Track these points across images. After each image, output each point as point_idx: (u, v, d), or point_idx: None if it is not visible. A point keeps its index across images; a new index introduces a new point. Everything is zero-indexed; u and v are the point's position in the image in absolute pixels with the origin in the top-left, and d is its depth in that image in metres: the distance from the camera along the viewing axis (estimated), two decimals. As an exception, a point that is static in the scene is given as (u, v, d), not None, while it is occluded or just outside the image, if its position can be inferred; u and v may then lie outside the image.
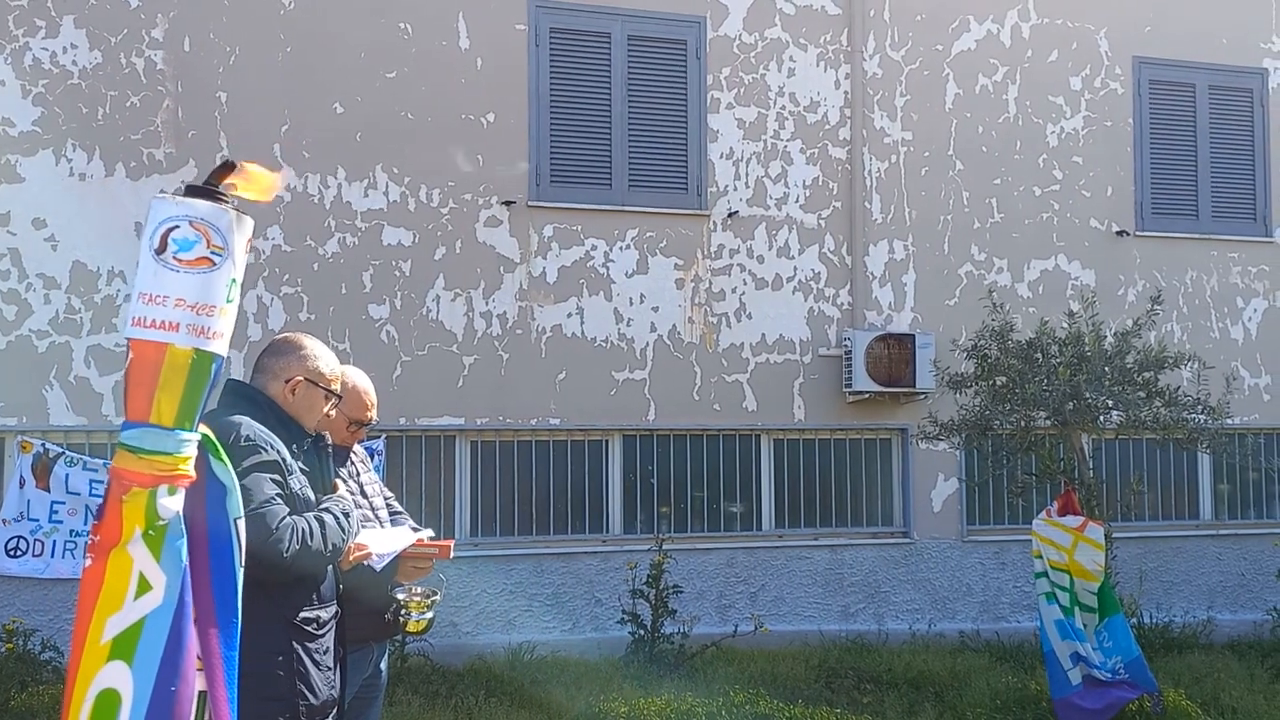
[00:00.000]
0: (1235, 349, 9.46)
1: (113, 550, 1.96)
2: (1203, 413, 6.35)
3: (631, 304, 8.32)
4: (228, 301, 2.06)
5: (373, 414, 3.75)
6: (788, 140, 8.69)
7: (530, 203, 8.13)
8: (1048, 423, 6.46)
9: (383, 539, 3.39)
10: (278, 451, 2.97)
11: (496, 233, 8.10)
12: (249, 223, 2.11)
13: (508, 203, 8.08)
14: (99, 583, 1.96)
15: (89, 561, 1.98)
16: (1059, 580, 6.03)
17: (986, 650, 8.13)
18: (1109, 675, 5.90)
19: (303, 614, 2.98)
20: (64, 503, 7.10)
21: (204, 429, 2.13)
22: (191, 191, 2.05)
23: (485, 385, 8.00)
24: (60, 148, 7.40)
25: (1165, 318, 8.97)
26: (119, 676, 1.95)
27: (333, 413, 3.32)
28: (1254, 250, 9.62)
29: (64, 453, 7.11)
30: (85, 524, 7.10)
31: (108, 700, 1.94)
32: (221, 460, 2.16)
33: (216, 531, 2.12)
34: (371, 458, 5.07)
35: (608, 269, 8.29)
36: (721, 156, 8.54)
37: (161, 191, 2.14)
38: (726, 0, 8.60)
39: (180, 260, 1.99)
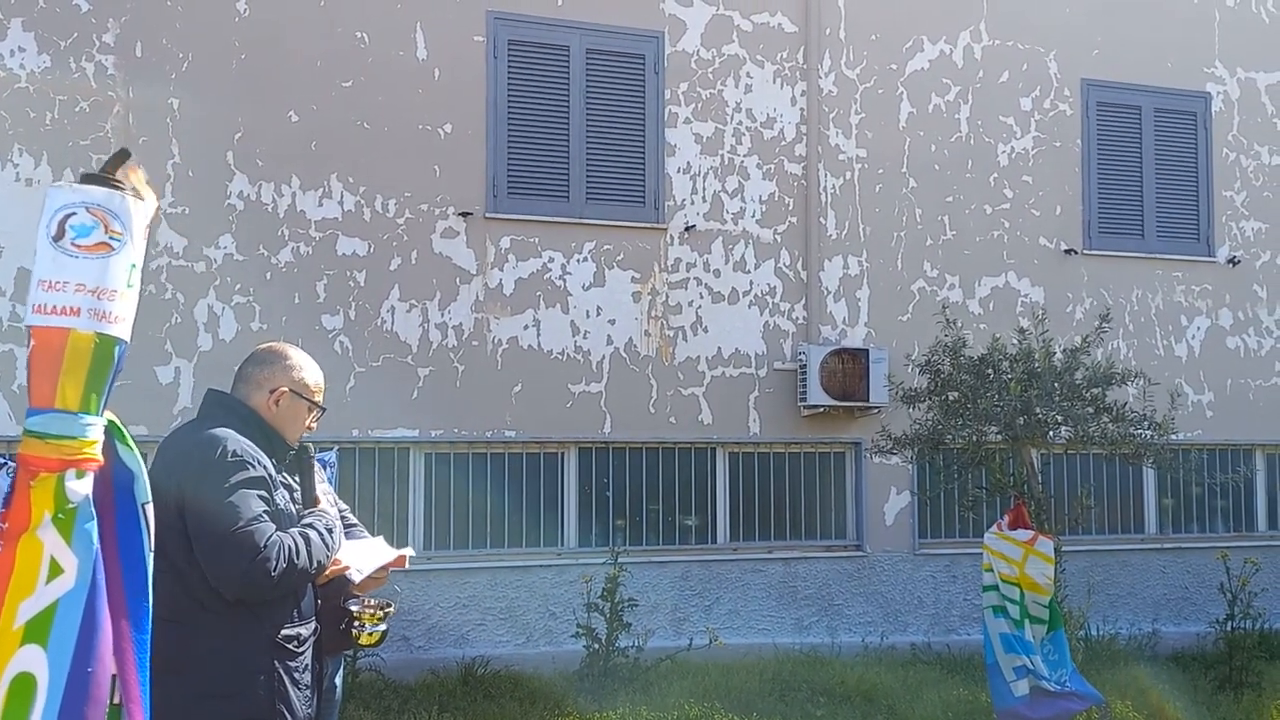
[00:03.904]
0: (1179, 366, 9.66)
1: (22, 536, 1.96)
2: (1149, 428, 6.46)
3: (588, 316, 8.32)
4: (128, 286, 2.06)
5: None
6: (744, 155, 8.75)
7: (487, 214, 8.11)
8: (999, 437, 6.53)
9: (360, 552, 3.34)
10: (264, 466, 2.93)
11: (453, 244, 8.06)
12: (148, 206, 2.10)
13: (464, 214, 8.05)
14: (9, 569, 1.96)
15: None
16: (1009, 593, 6.09)
17: (938, 662, 8.21)
18: (1057, 687, 5.98)
19: (284, 631, 2.93)
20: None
21: (111, 415, 2.10)
22: (87, 179, 2.05)
23: (440, 397, 7.95)
24: (6, 153, 7.26)
25: (1112, 335, 9.15)
26: (34, 660, 1.94)
27: (314, 425, 3.26)
28: (1197, 269, 9.84)
29: (6, 463, 6.95)
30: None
31: (23, 684, 1.93)
32: (128, 445, 2.15)
33: (124, 517, 2.12)
34: (324, 469, 5.01)
35: (565, 281, 8.29)
36: (679, 171, 8.58)
37: (56, 183, 2.12)
38: (685, 16, 8.66)
39: (79, 246, 1.99)
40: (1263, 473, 9.98)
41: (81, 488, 2.00)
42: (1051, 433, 6.50)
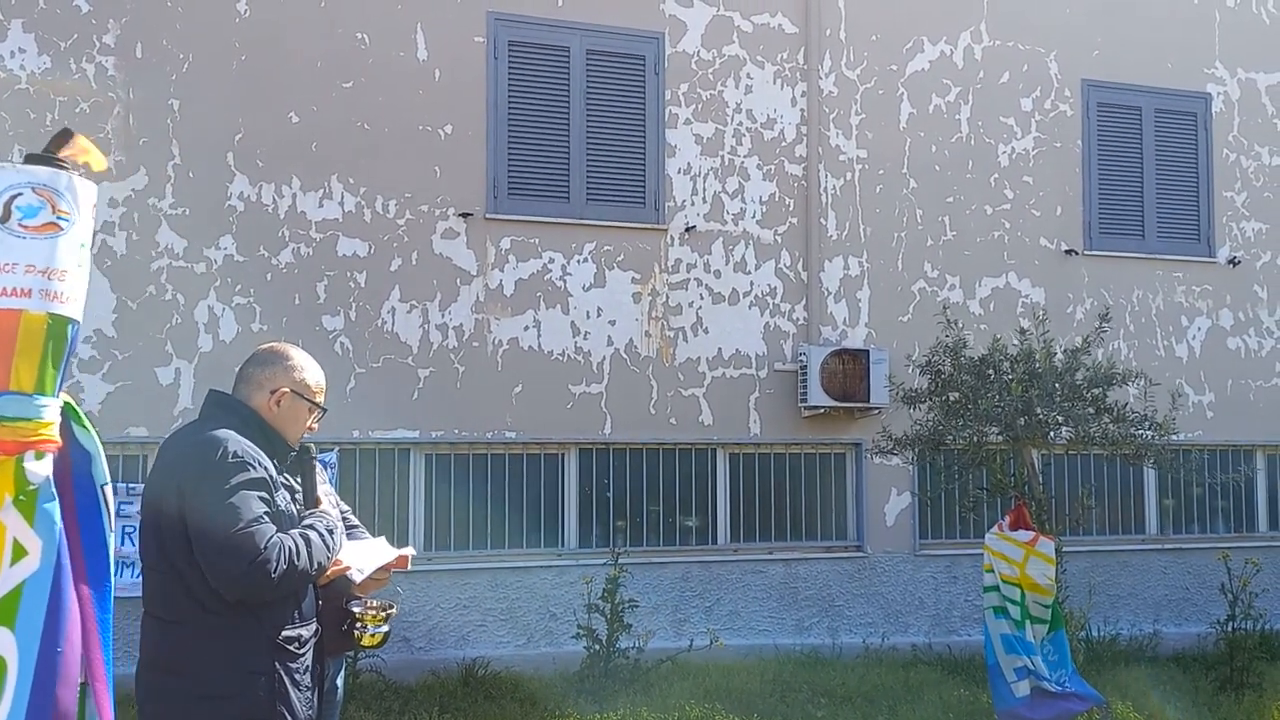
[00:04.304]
0: (1180, 367, 9.66)
1: None
2: (1149, 429, 6.47)
3: (588, 317, 8.31)
4: (78, 266, 2.05)
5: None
6: (745, 156, 8.75)
7: (487, 215, 8.11)
8: (1000, 438, 6.54)
9: (361, 553, 3.34)
10: (264, 468, 2.92)
11: (453, 245, 8.06)
12: (92, 187, 2.11)
13: (465, 215, 8.05)
14: None
15: None
16: (1010, 594, 6.09)
17: (939, 663, 8.20)
18: (1058, 688, 5.97)
19: (285, 633, 2.92)
20: None
21: (66, 397, 2.11)
22: (31, 159, 2.06)
23: (441, 398, 7.94)
24: (7, 153, 7.25)
25: (1113, 335, 9.15)
26: (3, 642, 1.95)
27: (315, 425, 3.25)
28: (1197, 270, 9.84)
29: None
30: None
31: None
32: (85, 427, 2.15)
33: (83, 498, 2.12)
34: (325, 470, 5.01)
35: (565, 282, 8.28)
36: (679, 171, 8.58)
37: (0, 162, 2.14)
38: (685, 17, 8.66)
39: (26, 227, 1.98)
40: (1263, 473, 9.97)
41: (41, 469, 2.00)
42: (1052, 433, 6.50)
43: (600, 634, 7.22)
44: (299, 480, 3.20)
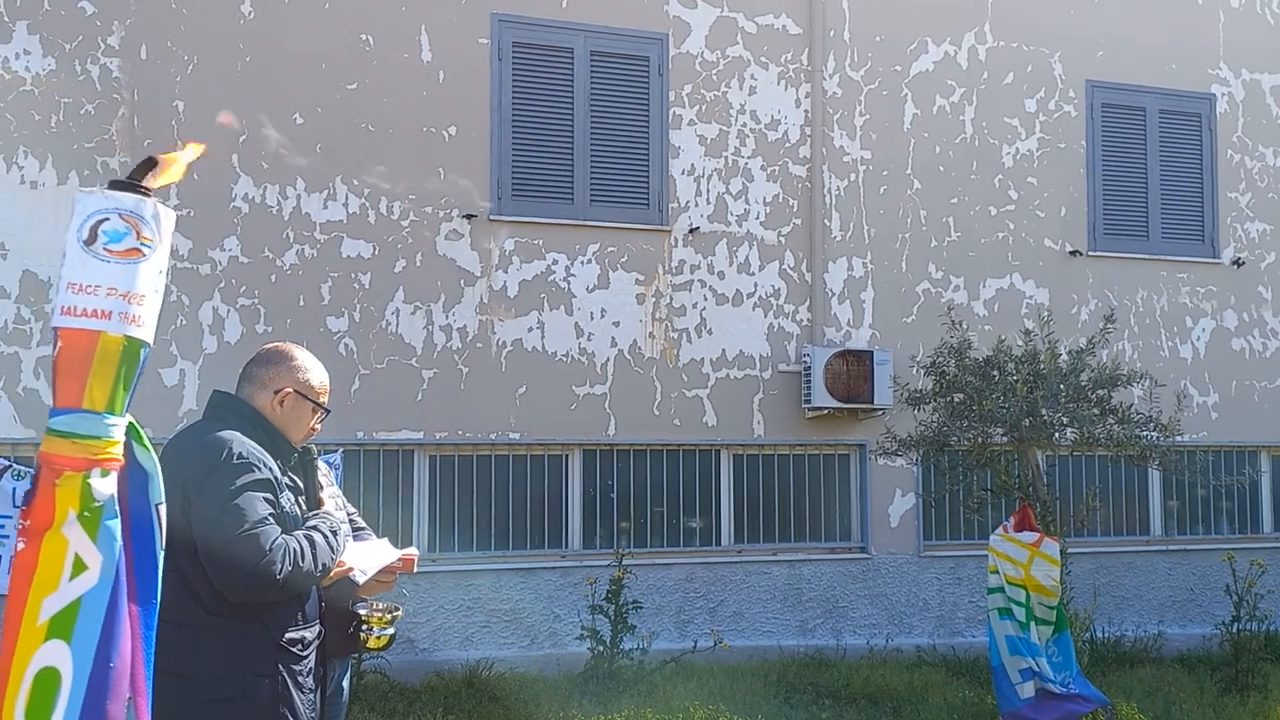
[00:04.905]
0: (1184, 368, 9.64)
1: (46, 533, 2.01)
2: (1154, 430, 6.46)
3: (592, 318, 8.31)
4: (155, 291, 2.12)
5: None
6: (749, 157, 8.75)
7: (491, 216, 8.11)
8: (1004, 439, 6.53)
9: (364, 554, 3.33)
10: (269, 469, 2.91)
11: (457, 246, 8.06)
12: (172, 215, 2.19)
13: (469, 216, 8.05)
14: (33, 566, 2.00)
15: (21, 545, 2.02)
16: (1015, 595, 6.08)
17: (943, 665, 8.19)
18: (1063, 689, 5.96)
19: (288, 634, 2.92)
20: (10, 517, 6.93)
21: (131, 417, 2.15)
22: (115, 186, 2.12)
23: (445, 399, 7.95)
24: (12, 155, 7.27)
25: (1117, 336, 9.11)
26: (58, 654, 1.99)
27: (319, 426, 3.25)
28: (1202, 271, 9.82)
29: (11, 465, 6.96)
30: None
31: (48, 678, 1.98)
32: (145, 447, 2.19)
33: (138, 516, 2.16)
34: (331, 471, 5.01)
35: (569, 283, 8.28)
36: (683, 172, 8.58)
37: (83, 188, 2.19)
38: (689, 18, 8.66)
39: (111, 251, 2.05)
40: (1268, 474, 9.96)
41: (106, 486, 2.04)
42: (1057, 434, 6.50)
43: (604, 635, 7.22)
44: (302, 481, 3.20)
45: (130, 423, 2.14)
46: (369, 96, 7.90)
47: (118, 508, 2.07)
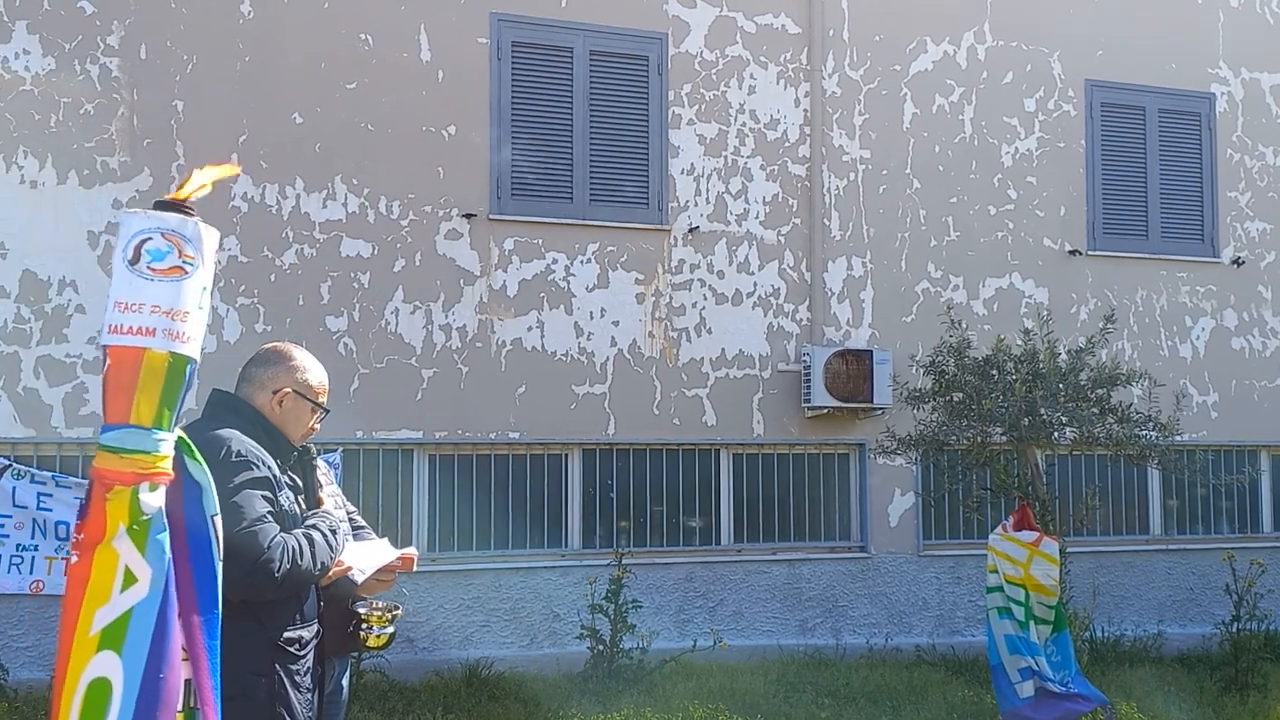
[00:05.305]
0: (1184, 367, 9.65)
1: (98, 547, 2.05)
2: (1153, 430, 6.46)
3: (592, 318, 8.31)
4: (199, 307, 2.19)
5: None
6: (748, 157, 8.75)
7: (491, 216, 8.11)
8: (1003, 438, 6.53)
9: (363, 553, 3.33)
10: (268, 467, 2.92)
11: (457, 245, 8.06)
12: (215, 233, 2.27)
13: (468, 215, 8.05)
14: (85, 578, 2.05)
15: (74, 558, 2.08)
16: (1014, 595, 6.08)
17: (942, 664, 8.19)
18: (1062, 688, 5.96)
19: (286, 634, 2.92)
20: (10, 516, 6.94)
21: (180, 432, 2.20)
22: (159, 206, 2.20)
23: (444, 398, 7.95)
24: (11, 155, 7.27)
25: (1116, 336, 9.11)
26: (109, 665, 2.04)
27: (318, 426, 3.26)
28: (1202, 270, 9.83)
29: (11, 465, 6.96)
30: (32, 539, 6.95)
31: (99, 688, 2.03)
32: (196, 460, 2.25)
33: (194, 527, 2.21)
34: (331, 471, 5.01)
35: (568, 283, 8.28)
36: (682, 172, 8.58)
37: (127, 208, 2.23)
38: (688, 17, 8.65)
39: (154, 270, 2.11)
40: (1268, 474, 9.95)
41: (155, 500, 2.10)
42: (1056, 434, 6.49)
43: (604, 635, 7.22)
44: (301, 480, 3.20)
45: (180, 437, 2.20)
46: (368, 96, 7.90)
47: (166, 521, 2.11)
